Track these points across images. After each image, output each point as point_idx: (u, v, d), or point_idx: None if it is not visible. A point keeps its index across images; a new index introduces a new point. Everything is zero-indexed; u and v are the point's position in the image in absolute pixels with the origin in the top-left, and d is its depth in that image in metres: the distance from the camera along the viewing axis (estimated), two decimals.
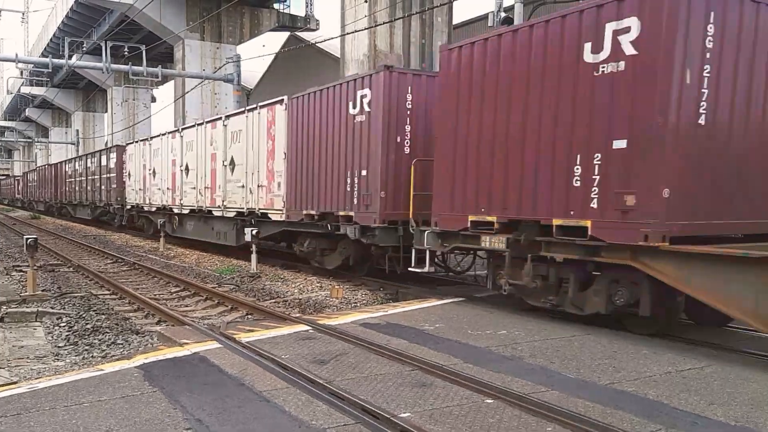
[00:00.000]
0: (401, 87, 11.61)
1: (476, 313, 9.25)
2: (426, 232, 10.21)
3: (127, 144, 28.66)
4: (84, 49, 42.36)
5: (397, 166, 11.66)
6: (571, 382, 5.95)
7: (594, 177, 7.61)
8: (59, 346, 8.75)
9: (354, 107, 12.22)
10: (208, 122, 19.57)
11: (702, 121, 7.23)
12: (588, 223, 7.67)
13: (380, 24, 19.73)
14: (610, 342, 7.48)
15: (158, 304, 11.42)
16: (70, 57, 28.80)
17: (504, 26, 10.69)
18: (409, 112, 11.69)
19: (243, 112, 17.14)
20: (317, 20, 40.14)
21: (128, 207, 27.64)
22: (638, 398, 5.49)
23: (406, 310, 9.56)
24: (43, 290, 12.71)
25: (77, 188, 37.86)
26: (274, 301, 11.83)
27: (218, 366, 6.52)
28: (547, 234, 8.28)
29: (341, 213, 12.75)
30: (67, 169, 41.60)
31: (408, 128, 11.71)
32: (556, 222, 8.08)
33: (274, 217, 15.38)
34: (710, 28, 7.15)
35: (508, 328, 8.21)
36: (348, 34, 20.55)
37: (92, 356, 8.22)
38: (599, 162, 7.54)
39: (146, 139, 25.76)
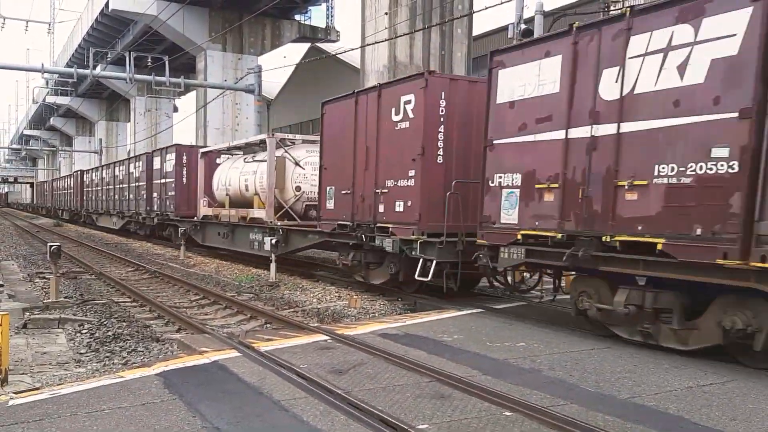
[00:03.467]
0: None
1: (495, 325, 9.21)
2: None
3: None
4: (108, 59, 43.14)
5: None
6: (591, 395, 5.91)
7: None
8: (81, 353, 8.85)
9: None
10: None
11: None
12: None
13: (400, 36, 19.84)
14: (631, 355, 7.40)
15: (178, 312, 11.51)
16: (94, 67, 29.26)
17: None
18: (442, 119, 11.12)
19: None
20: (338, 32, 40.50)
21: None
22: (659, 413, 5.44)
23: (425, 321, 9.54)
24: (65, 297, 12.86)
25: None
26: (292, 310, 11.87)
27: (237, 374, 6.56)
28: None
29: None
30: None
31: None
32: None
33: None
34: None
35: (527, 340, 8.16)
36: (368, 45, 20.68)
37: (113, 363, 8.29)
38: None
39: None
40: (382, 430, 4.99)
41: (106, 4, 37.11)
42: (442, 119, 11.05)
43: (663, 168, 7.21)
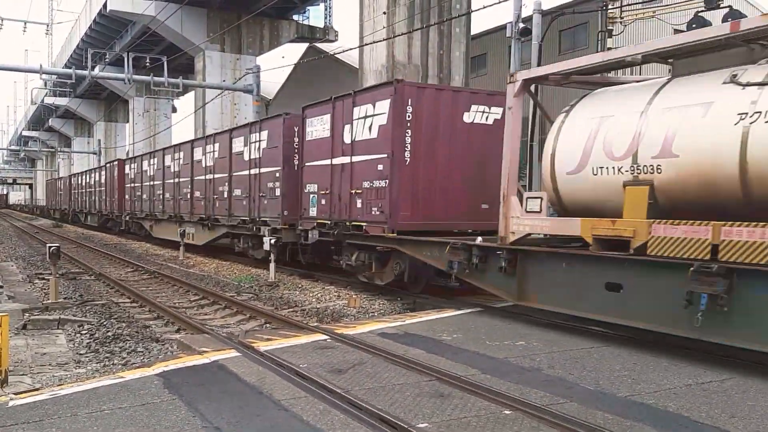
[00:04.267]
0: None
1: (494, 324, 9.22)
2: None
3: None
4: (107, 60, 43.08)
5: None
6: (590, 393, 5.92)
7: None
8: (80, 354, 8.85)
9: None
10: None
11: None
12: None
13: (398, 35, 19.83)
14: (630, 354, 7.42)
15: (178, 312, 11.52)
16: (92, 68, 29.18)
17: None
18: None
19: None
20: (336, 31, 40.51)
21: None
22: (658, 411, 5.45)
23: (424, 320, 9.55)
24: (64, 298, 12.87)
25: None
26: (291, 310, 11.88)
27: (237, 374, 6.57)
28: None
29: None
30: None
31: None
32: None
33: None
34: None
35: (527, 339, 8.17)
36: (366, 45, 20.68)
37: (113, 363, 8.30)
38: None
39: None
40: (381, 429, 4.99)
41: (104, 5, 37.09)
42: None
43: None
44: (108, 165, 36.67)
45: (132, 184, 30.99)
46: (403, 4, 20.61)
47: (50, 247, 12.55)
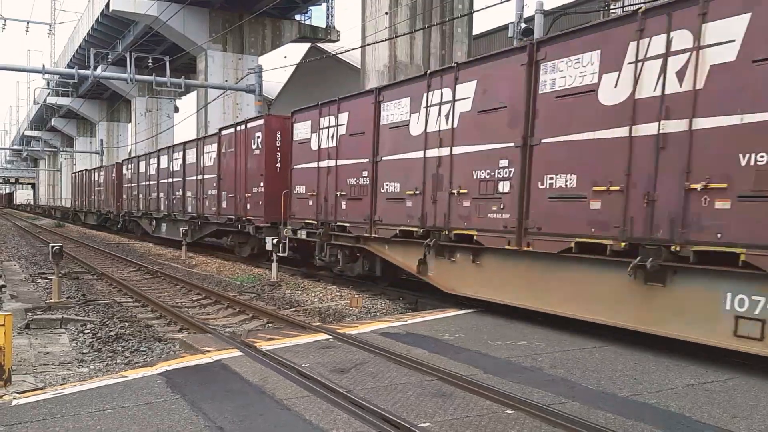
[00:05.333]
0: None
1: (496, 324, 9.23)
2: None
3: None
4: (109, 60, 43.18)
5: None
6: (592, 393, 5.92)
7: None
8: (83, 353, 8.88)
9: None
10: None
11: None
12: None
13: (401, 35, 19.86)
14: (632, 354, 7.42)
15: (180, 311, 11.54)
16: (95, 68, 29.18)
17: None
18: None
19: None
20: (338, 31, 40.55)
21: None
22: (660, 411, 5.45)
23: (426, 320, 9.56)
24: (67, 297, 12.89)
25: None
26: (294, 309, 11.89)
27: (239, 374, 6.58)
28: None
29: None
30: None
31: None
32: None
33: None
34: None
35: (528, 339, 8.18)
36: (368, 45, 20.69)
37: (116, 363, 8.33)
38: None
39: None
40: (384, 429, 5.00)
41: (107, 5, 37.11)
42: None
43: None
44: (221, 133, 20.16)
45: (320, 164, 14.17)
46: (405, 4, 20.64)
47: (53, 246, 12.57)
